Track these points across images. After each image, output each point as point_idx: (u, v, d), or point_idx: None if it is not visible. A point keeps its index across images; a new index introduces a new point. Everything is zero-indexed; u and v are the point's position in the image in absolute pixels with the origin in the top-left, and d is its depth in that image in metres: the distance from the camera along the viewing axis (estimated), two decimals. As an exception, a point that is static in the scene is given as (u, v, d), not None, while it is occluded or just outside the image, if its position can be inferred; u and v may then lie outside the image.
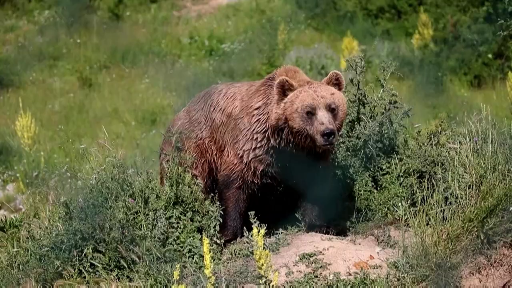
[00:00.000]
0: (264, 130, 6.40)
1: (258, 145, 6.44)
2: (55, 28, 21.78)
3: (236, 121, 6.55)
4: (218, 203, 6.49)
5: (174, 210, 6.37)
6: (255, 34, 21.04)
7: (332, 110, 6.19)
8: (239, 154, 6.49)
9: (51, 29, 21.80)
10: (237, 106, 6.62)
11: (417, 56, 19.10)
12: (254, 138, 6.44)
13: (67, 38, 21.17)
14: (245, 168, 6.49)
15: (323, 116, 6.13)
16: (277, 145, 6.37)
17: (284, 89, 6.28)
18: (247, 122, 6.49)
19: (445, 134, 6.99)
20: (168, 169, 6.53)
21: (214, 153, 6.76)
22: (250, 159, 6.46)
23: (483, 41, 18.43)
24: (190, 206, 6.43)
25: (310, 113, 6.16)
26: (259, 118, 6.43)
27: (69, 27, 21.08)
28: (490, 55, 18.32)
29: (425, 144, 6.97)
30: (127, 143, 15.57)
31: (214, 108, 6.78)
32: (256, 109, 6.47)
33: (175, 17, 23.54)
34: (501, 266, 6.04)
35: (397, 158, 6.97)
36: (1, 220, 7.01)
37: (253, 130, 6.45)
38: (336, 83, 6.37)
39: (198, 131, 6.85)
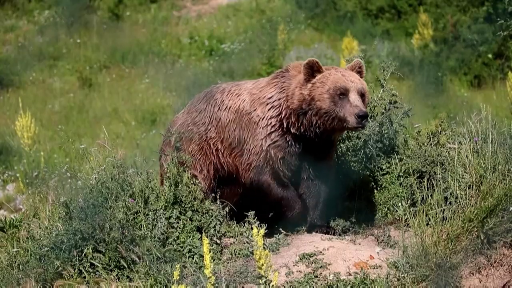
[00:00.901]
0: (277, 114, 6.45)
1: (273, 129, 6.47)
2: (55, 28, 21.76)
3: (249, 115, 6.56)
4: (220, 203, 6.49)
5: (174, 210, 6.37)
6: (255, 34, 21.03)
7: (362, 95, 6.29)
8: (258, 144, 6.50)
9: (51, 29, 21.78)
10: (245, 100, 6.62)
11: (417, 56, 19.09)
12: (269, 123, 6.48)
13: (67, 38, 21.16)
14: (267, 155, 6.50)
15: (356, 99, 6.21)
16: (295, 131, 6.40)
17: (313, 70, 6.33)
18: (261, 112, 6.52)
19: (445, 134, 6.98)
20: (167, 169, 6.52)
21: (222, 152, 6.73)
22: (267, 145, 6.48)
23: (483, 41, 18.43)
24: (189, 205, 6.43)
25: (343, 95, 6.22)
26: (273, 105, 6.48)
27: (69, 27, 21.07)
28: (490, 55, 18.32)
29: (425, 144, 6.97)
30: (127, 143, 15.56)
31: (219, 107, 6.75)
32: (269, 98, 6.51)
33: (175, 17, 23.52)
34: (501, 266, 6.03)
35: (397, 158, 6.97)
36: (1, 220, 6.99)
37: (268, 116, 6.48)
38: (359, 71, 6.48)
39: (203, 132, 6.81)
